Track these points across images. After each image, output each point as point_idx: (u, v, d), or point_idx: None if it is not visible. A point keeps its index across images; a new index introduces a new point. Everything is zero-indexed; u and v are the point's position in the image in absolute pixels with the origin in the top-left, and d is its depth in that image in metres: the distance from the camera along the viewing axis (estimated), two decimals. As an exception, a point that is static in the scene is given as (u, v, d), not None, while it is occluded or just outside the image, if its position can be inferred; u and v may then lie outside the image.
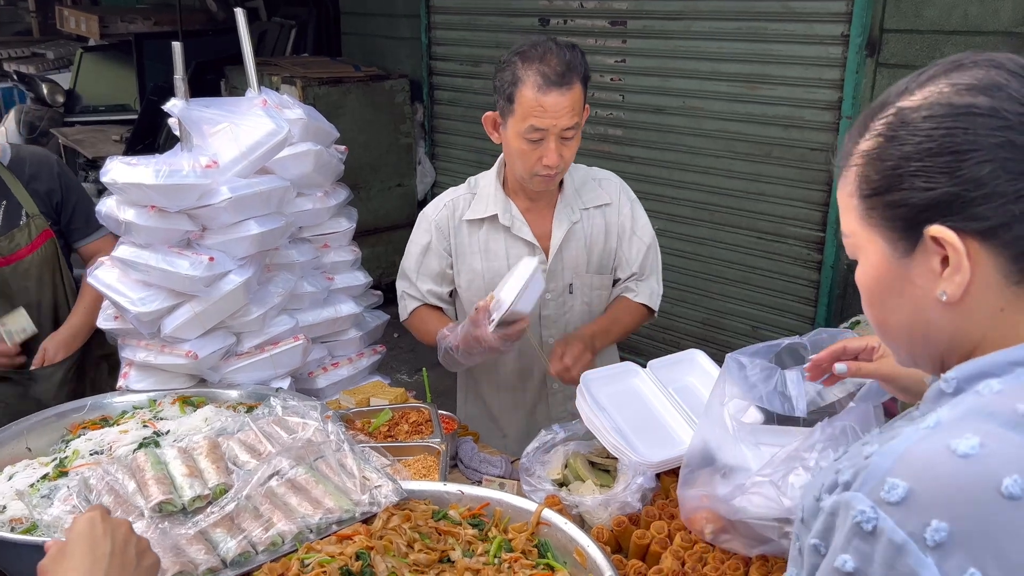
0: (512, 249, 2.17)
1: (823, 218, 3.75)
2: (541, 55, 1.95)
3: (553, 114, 1.93)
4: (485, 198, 2.19)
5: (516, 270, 1.90)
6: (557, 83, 1.92)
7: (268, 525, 1.33)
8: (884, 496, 0.72)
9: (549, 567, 1.38)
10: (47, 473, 1.61)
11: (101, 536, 0.98)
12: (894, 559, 0.70)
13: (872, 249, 0.88)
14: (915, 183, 0.81)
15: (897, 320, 0.89)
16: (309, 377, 2.33)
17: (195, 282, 1.91)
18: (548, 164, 1.99)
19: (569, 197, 2.20)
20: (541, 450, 1.76)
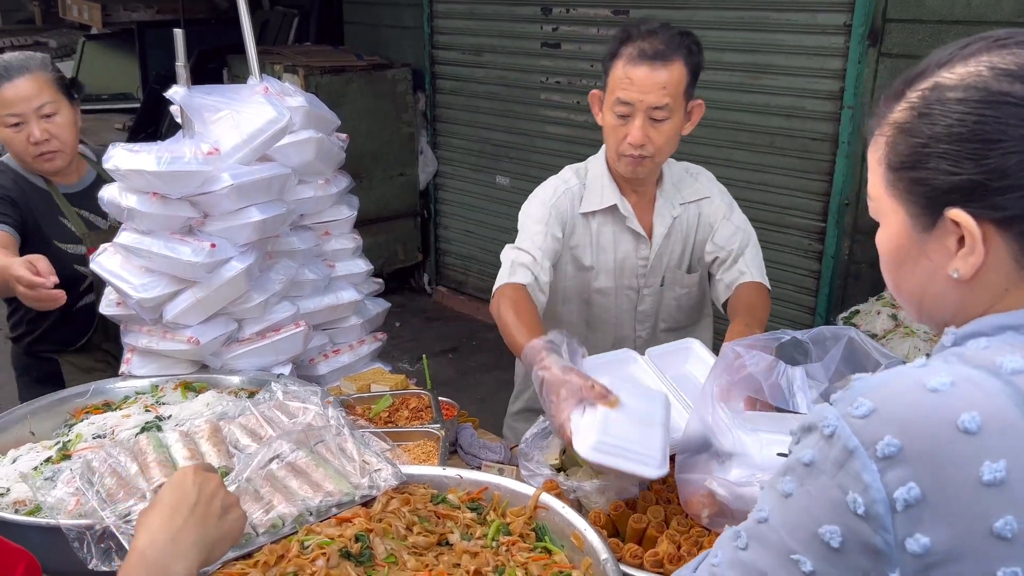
0: (620, 243, 2.14)
1: (824, 208, 3.75)
2: (645, 32, 1.92)
3: (640, 88, 1.89)
4: (599, 190, 2.12)
5: (650, 407, 1.60)
6: (651, 57, 1.88)
7: (269, 507, 1.35)
8: (850, 410, 0.79)
9: (546, 550, 1.39)
10: (50, 456, 1.63)
11: (190, 486, 1.04)
12: (844, 460, 0.78)
13: (894, 218, 0.91)
14: (941, 165, 0.83)
15: (910, 286, 0.93)
16: (310, 364, 2.35)
17: (197, 268, 1.92)
18: (632, 142, 1.94)
19: (668, 191, 2.16)
20: (539, 436, 1.77)
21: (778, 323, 3.66)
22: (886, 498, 0.75)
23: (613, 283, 2.18)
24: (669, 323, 2.27)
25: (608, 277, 2.18)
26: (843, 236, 3.71)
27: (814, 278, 3.87)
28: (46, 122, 2.25)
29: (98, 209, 2.32)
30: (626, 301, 2.21)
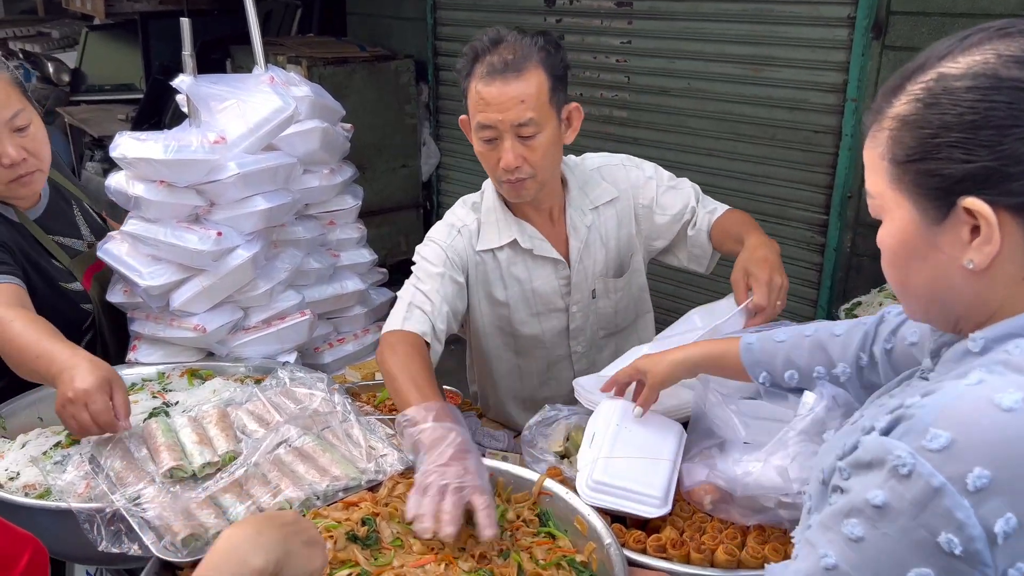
0: (535, 271, 1.99)
1: (827, 201, 3.75)
2: (491, 43, 1.75)
3: (497, 106, 1.72)
4: (494, 224, 1.97)
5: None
6: (502, 71, 1.70)
7: (276, 491, 1.36)
8: (925, 444, 0.76)
9: (550, 535, 1.41)
10: (59, 441, 1.64)
11: (288, 513, 1.09)
12: (927, 500, 0.74)
13: (899, 213, 0.89)
14: (954, 154, 0.82)
15: (918, 282, 0.91)
16: (315, 352, 2.36)
17: (203, 256, 1.93)
18: (504, 166, 1.78)
19: (576, 199, 2.00)
20: (543, 424, 1.78)
21: (779, 315, 3.67)
22: (983, 534, 0.73)
23: (535, 310, 2.04)
24: (608, 328, 2.14)
25: (527, 307, 2.03)
26: (845, 229, 3.71)
27: (816, 271, 3.87)
28: (20, 137, 1.83)
29: (70, 229, 2.08)
30: (555, 322, 2.06)
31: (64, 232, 2.06)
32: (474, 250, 1.97)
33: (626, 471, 1.45)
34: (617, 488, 1.43)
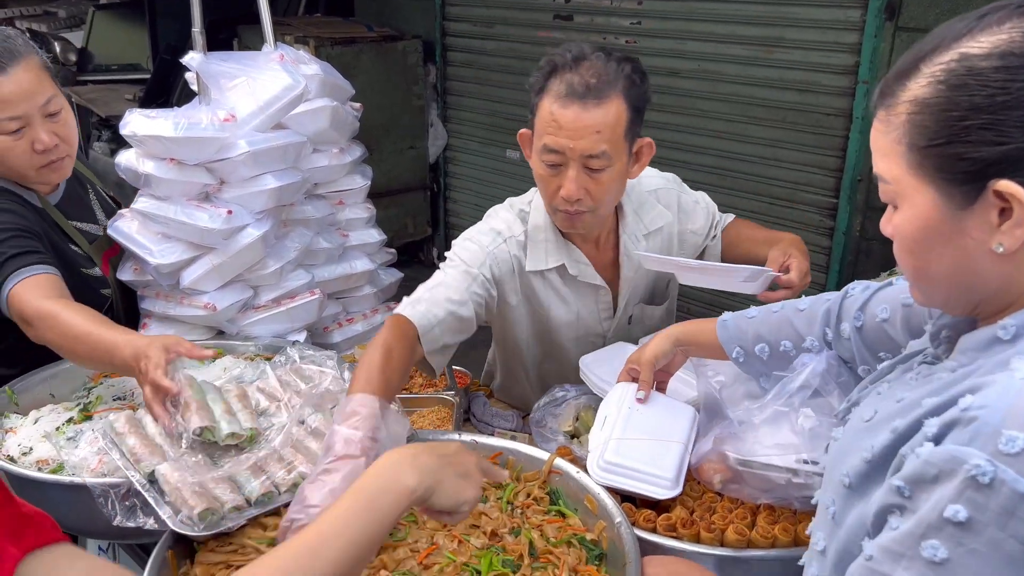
0: (578, 295, 1.90)
1: (837, 184, 3.73)
2: (573, 61, 1.61)
3: (570, 133, 1.60)
4: (542, 244, 1.85)
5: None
6: (581, 95, 1.58)
7: (290, 468, 1.37)
8: (1002, 448, 0.72)
9: (560, 514, 1.41)
10: (71, 417, 1.65)
11: (452, 444, 1.12)
12: (1015, 507, 0.71)
13: (920, 199, 0.86)
14: (985, 136, 0.79)
15: (939, 268, 0.88)
16: (324, 332, 2.37)
17: (214, 235, 1.93)
18: (564, 196, 1.66)
19: (631, 224, 1.89)
20: (552, 404, 1.79)
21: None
22: None
23: (576, 334, 1.96)
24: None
25: (570, 329, 1.95)
26: (855, 212, 3.69)
27: (825, 254, 3.86)
28: (52, 123, 1.82)
29: (87, 214, 2.08)
30: (589, 346, 1.96)
31: (82, 217, 2.06)
32: (520, 263, 1.85)
33: (637, 452, 1.45)
34: (628, 469, 1.43)
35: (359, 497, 0.96)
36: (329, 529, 0.91)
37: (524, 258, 1.85)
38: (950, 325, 0.95)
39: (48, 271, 1.74)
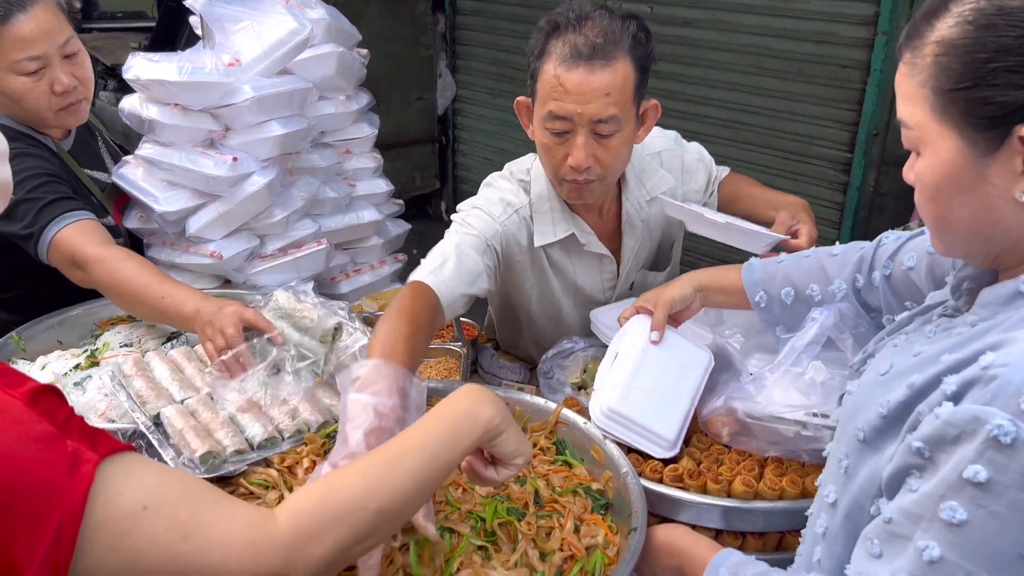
0: (581, 265, 1.85)
1: (852, 138, 3.67)
2: (576, 20, 1.53)
3: (577, 97, 1.51)
4: (547, 214, 1.78)
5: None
6: (588, 56, 1.49)
7: (294, 414, 1.37)
8: (1023, 407, 0.71)
9: (567, 464, 1.41)
10: (79, 363, 1.65)
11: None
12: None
13: (943, 145, 0.83)
14: (1012, 79, 0.76)
15: (960, 216, 0.86)
16: (332, 283, 2.36)
17: (219, 182, 1.91)
18: (573, 164, 1.58)
19: (634, 191, 1.83)
20: (560, 356, 1.78)
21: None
22: None
23: (578, 301, 1.92)
24: None
25: (572, 299, 1.91)
26: (869, 167, 3.64)
27: (837, 210, 3.81)
28: (70, 64, 1.80)
29: (97, 162, 2.06)
30: (583, 310, 1.92)
31: (92, 165, 2.04)
32: (530, 235, 1.78)
33: (643, 405, 1.42)
34: (630, 422, 1.41)
35: (441, 418, 0.98)
36: (411, 442, 0.93)
37: (532, 230, 1.79)
38: (972, 277, 0.93)
39: (89, 216, 1.76)
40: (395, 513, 0.88)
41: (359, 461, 0.91)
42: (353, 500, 0.84)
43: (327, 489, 0.85)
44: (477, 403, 1.01)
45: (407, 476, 0.89)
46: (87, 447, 0.74)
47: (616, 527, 1.26)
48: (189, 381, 1.42)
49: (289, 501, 0.84)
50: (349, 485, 0.85)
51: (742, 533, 1.35)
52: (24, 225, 1.72)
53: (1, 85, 1.75)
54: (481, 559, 1.13)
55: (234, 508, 0.79)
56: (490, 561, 1.13)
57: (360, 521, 0.84)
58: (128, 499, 0.73)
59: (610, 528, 1.25)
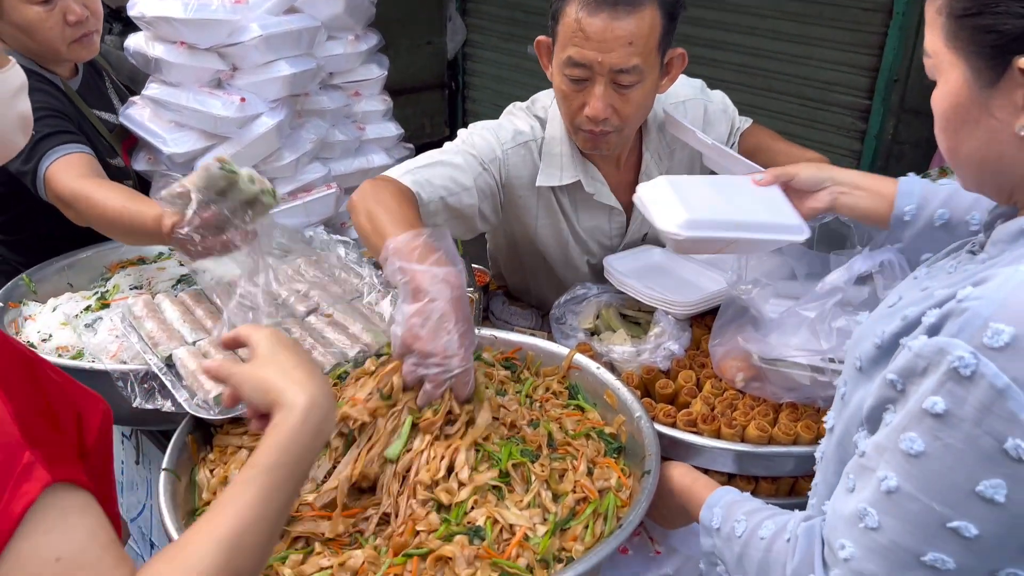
0: (588, 213, 1.78)
1: (871, 85, 3.59)
2: None
3: (599, 44, 1.43)
4: (556, 158, 1.70)
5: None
6: (612, 1, 1.41)
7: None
8: (987, 342, 0.69)
9: (579, 408, 1.41)
10: (89, 305, 1.65)
11: (293, 344, 0.94)
12: (992, 403, 0.69)
13: (953, 74, 0.82)
14: (1012, 8, 0.75)
15: (969, 149, 0.85)
16: (342, 228, 2.34)
17: (227, 123, 1.88)
18: (590, 115, 1.52)
19: (654, 141, 1.76)
20: (573, 301, 1.76)
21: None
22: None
23: (583, 249, 1.85)
24: None
25: (571, 247, 1.84)
26: (888, 115, 3.56)
27: (854, 159, 3.75)
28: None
29: (104, 102, 2.01)
30: (589, 260, 1.86)
31: (100, 106, 2.00)
32: (527, 172, 1.71)
33: (718, 203, 1.36)
34: (724, 221, 1.33)
35: (279, 471, 0.82)
36: (247, 513, 0.78)
37: (539, 166, 1.72)
38: (1004, 214, 0.91)
39: (81, 150, 1.71)
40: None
41: (205, 539, 0.76)
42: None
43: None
44: (323, 423, 0.87)
45: (252, 554, 0.77)
46: (43, 465, 0.70)
47: (629, 470, 1.26)
48: (200, 323, 1.41)
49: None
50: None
51: (755, 478, 1.35)
52: (23, 160, 1.69)
53: (14, 16, 1.71)
54: (496, 498, 1.14)
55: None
56: (503, 501, 1.13)
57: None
58: (47, 544, 0.70)
59: (623, 471, 1.25)
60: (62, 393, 0.85)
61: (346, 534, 1.09)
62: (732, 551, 0.98)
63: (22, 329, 1.61)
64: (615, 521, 1.15)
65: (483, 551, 1.04)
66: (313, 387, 0.88)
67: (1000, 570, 0.74)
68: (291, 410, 0.85)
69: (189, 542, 0.75)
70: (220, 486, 1.16)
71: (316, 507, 1.11)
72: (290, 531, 1.08)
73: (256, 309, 1.29)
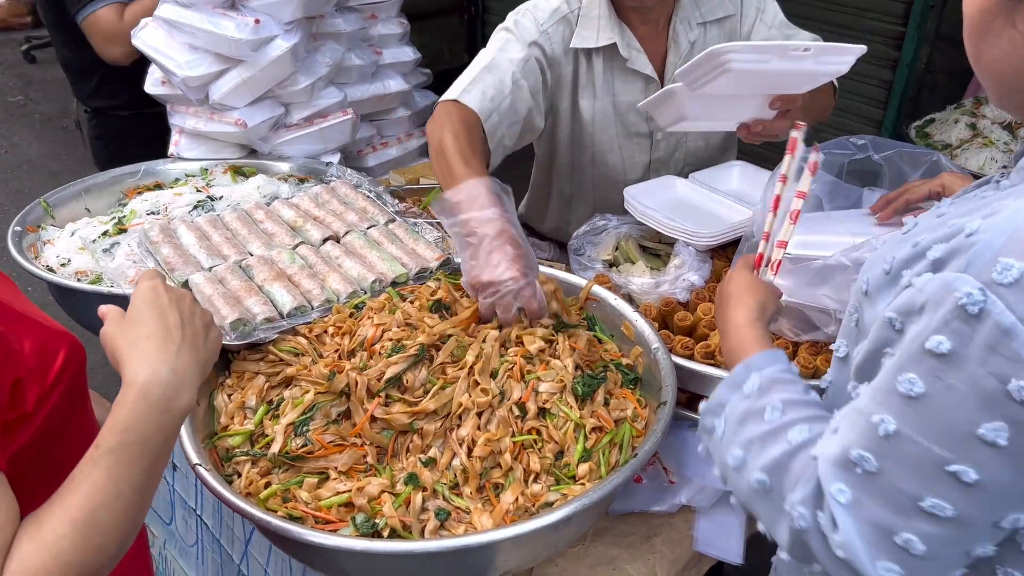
0: (623, 85, 1.77)
1: (906, 10, 3.44)
2: None
3: None
4: (594, 20, 1.71)
5: None
6: None
7: (323, 284, 1.35)
8: (996, 277, 0.65)
9: (597, 339, 1.40)
10: (107, 230, 1.65)
11: (167, 305, 0.90)
12: (997, 342, 0.65)
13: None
14: None
15: (990, 58, 0.81)
16: (358, 155, 2.31)
17: (241, 45, 1.84)
18: None
19: (687, 9, 1.77)
20: (592, 232, 1.74)
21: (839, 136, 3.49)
22: None
23: (618, 131, 1.83)
24: (695, 164, 1.91)
25: (611, 126, 1.82)
26: (923, 43, 3.43)
27: (885, 88, 3.63)
28: None
29: None
30: (636, 151, 1.86)
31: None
32: (565, 44, 1.71)
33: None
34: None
35: (132, 444, 0.80)
36: (102, 491, 0.78)
37: (572, 39, 1.71)
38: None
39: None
40: (115, 553, 0.79)
41: (60, 519, 0.75)
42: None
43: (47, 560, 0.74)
44: (168, 401, 0.83)
45: (109, 531, 0.77)
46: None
47: (645, 401, 1.26)
48: (216, 248, 1.41)
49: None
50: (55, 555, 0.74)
51: (771, 411, 1.34)
52: None
53: None
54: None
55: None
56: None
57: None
58: None
59: (639, 402, 1.25)
60: (3, 355, 0.81)
61: (360, 465, 1.10)
62: (746, 427, 0.90)
63: (41, 253, 1.62)
64: (630, 451, 1.15)
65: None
66: (158, 361, 0.84)
67: (1002, 520, 0.71)
68: (129, 387, 0.82)
69: (46, 520, 0.75)
70: (237, 411, 1.17)
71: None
72: (300, 467, 1.09)
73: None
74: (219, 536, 1.47)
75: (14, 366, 0.83)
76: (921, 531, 0.71)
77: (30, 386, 0.84)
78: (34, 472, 0.85)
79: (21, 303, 0.92)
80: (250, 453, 1.11)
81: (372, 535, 1.01)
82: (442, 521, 1.04)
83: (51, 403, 0.88)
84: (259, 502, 1.05)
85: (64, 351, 0.91)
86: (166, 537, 1.67)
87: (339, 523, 1.02)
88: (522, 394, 1.17)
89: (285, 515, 1.03)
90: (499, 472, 1.10)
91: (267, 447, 1.10)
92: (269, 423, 1.13)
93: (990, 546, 0.73)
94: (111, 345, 0.86)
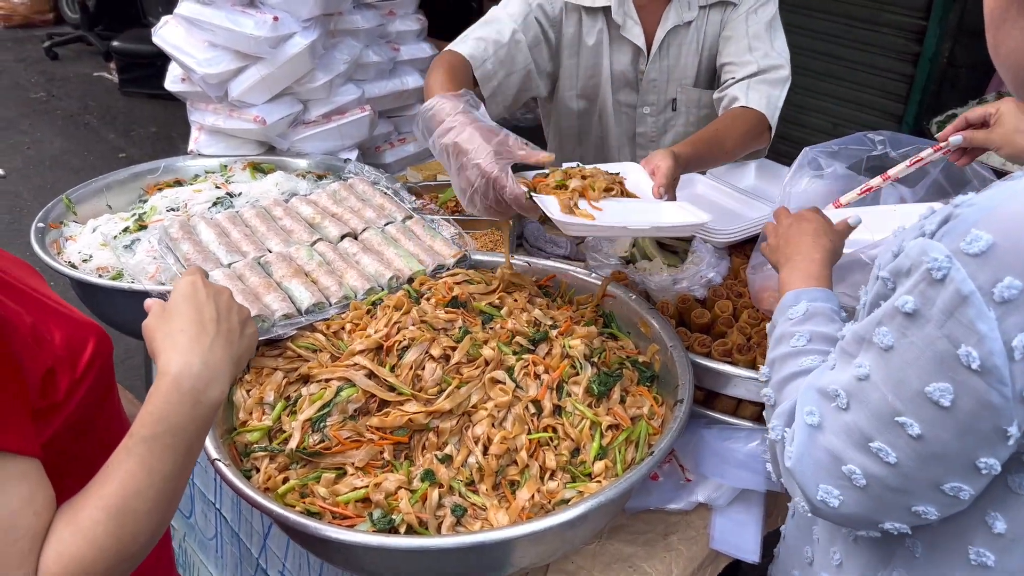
0: (616, 52, 1.79)
1: (928, 4, 3.41)
2: None
3: None
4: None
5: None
6: None
7: (341, 281, 1.36)
8: (963, 247, 0.69)
9: (613, 336, 1.40)
10: (127, 227, 1.66)
11: (205, 300, 0.92)
12: (955, 308, 0.69)
13: None
14: None
15: (1007, 49, 0.81)
16: (376, 152, 2.32)
17: (260, 43, 1.85)
18: None
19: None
20: (609, 229, 1.73)
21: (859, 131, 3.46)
22: (1003, 348, 0.67)
23: (609, 97, 1.84)
24: None
25: (601, 89, 1.83)
26: (944, 37, 3.39)
27: (906, 83, 3.59)
28: None
29: None
30: (625, 120, 1.87)
31: None
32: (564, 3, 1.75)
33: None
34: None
35: (163, 436, 0.82)
36: (136, 481, 0.79)
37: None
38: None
39: None
40: (148, 540, 0.81)
41: (95, 505, 0.77)
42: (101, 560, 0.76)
43: (84, 548, 0.76)
44: (195, 397, 0.84)
45: (143, 519, 0.79)
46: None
47: (661, 399, 1.26)
48: (235, 245, 1.42)
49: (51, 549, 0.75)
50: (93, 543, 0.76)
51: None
52: None
53: None
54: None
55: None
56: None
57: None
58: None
59: (655, 400, 1.25)
60: (35, 344, 0.83)
61: (377, 461, 1.11)
62: (777, 347, 0.99)
63: (63, 249, 1.63)
64: (646, 448, 1.15)
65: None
66: (192, 354, 0.86)
67: (943, 483, 0.74)
68: (162, 377, 0.84)
69: (82, 507, 0.77)
70: (256, 407, 1.18)
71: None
72: (318, 463, 1.10)
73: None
74: (238, 530, 1.48)
75: (46, 356, 0.84)
76: (865, 467, 0.77)
77: (61, 375, 0.86)
78: (65, 461, 0.86)
79: (50, 295, 0.94)
80: (268, 449, 1.12)
81: (389, 531, 1.01)
82: (458, 517, 1.04)
83: (81, 392, 0.89)
84: (277, 497, 1.06)
85: (93, 342, 0.93)
86: (186, 530, 1.69)
87: (356, 519, 1.03)
88: (538, 391, 1.17)
89: (303, 510, 1.03)
90: (515, 469, 1.10)
91: (285, 443, 1.11)
92: (287, 419, 1.14)
93: (933, 510, 0.77)
94: (150, 336, 0.88)
